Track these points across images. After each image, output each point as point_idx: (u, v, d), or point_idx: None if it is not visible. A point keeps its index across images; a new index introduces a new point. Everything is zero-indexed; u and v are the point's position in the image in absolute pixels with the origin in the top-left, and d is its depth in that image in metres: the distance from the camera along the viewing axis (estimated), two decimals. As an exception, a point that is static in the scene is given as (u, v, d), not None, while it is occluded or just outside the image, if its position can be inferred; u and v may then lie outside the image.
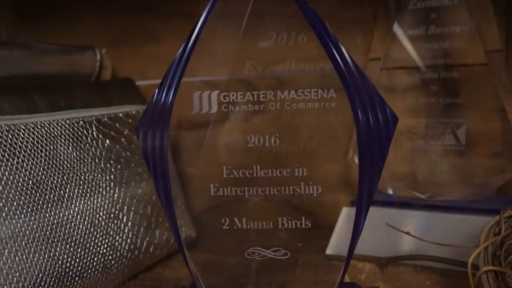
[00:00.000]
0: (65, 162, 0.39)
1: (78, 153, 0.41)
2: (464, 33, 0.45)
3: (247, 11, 0.55)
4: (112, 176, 0.43)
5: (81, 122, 0.42)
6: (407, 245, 0.45)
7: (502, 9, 0.48)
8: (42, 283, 0.35)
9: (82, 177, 0.40)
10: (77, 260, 0.38)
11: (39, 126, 0.38)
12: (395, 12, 0.49)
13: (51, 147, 0.39)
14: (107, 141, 0.44)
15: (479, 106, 0.49)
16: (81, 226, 0.39)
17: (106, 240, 0.41)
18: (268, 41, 0.55)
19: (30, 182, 0.36)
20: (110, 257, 0.41)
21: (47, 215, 0.37)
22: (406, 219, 0.46)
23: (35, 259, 0.35)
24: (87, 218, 0.40)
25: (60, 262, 0.37)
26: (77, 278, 0.38)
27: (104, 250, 0.40)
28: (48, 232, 0.36)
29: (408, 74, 0.49)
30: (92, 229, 0.40)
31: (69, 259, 0.37)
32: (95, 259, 0.40)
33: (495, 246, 0.33)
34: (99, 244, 0.40)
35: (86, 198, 0.40)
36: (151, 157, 0.31)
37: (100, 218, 0.41)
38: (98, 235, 0.40)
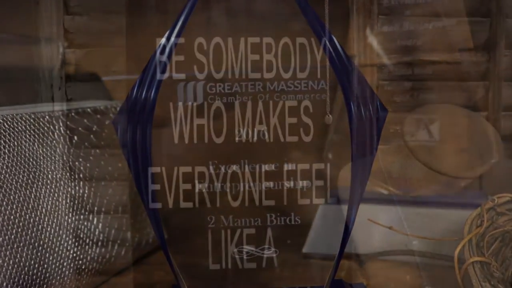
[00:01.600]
0: (31, 159, 0.36)
1: (44, 149, 0.38)
2: (437, 30, 0.46)
3: (223, 8, 0.54)
4: (81, 175, 0.40)
5: (47, 117, 0.39)
6: (384, 241, 0.45)
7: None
8: (7, 292, 0.32)
9: (50, 176, 0.37)
10: (45, 265, 0.35)
11: (1, 121, 0.35)
12: (369, 9, 0.49)
13: (15, 143, 0.35)
14: (75, 138, 0.41)
15: (449, 102, 0.50)
16: (49, 229, 0.36)
17: (76, 243, 0.38)
18: (244, 39, 0.54)
19: (-7, 181, 0.33)
20: (80, 262, 0.38)
21: (12, 217, 0.34)
22: (381, 215, 0.46)
23: (-2, 266, 0.32)
24: (55, 220, 0.37)
25: (26, 268, 0.34)
26: (45, 286, 0.35)
27: (74, 254, 0.38)
28: (13, 236, 0.33)
29: (381, 71, 0.49)
30: (61, 232, 0.37)
31: (36, 265, 0.35)
32: (65, 263, 0.37)
33: (477, 238, 0.33)
34: (68, 248, 0.37)
35: (54, 198, 0.37)
36: (131, 152, 0.30)
37: (70, 220, 0.38)
38: (67, 238, 0.37)
